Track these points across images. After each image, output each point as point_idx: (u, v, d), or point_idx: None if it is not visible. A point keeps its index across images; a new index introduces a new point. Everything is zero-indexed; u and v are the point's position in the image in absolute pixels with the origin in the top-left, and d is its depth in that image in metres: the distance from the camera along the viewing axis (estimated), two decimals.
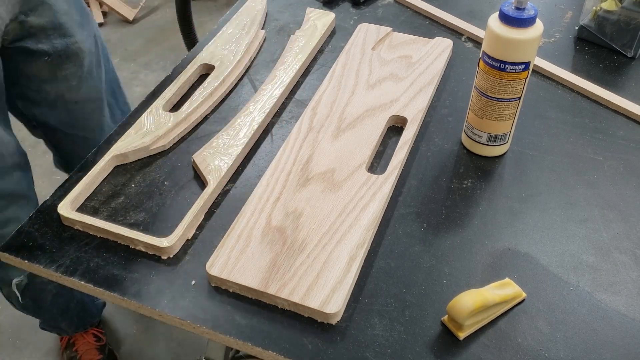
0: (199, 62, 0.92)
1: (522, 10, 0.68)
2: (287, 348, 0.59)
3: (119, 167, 0.78)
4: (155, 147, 0.79)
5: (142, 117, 0.83)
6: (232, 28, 0.99)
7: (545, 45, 0.99)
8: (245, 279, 0.63)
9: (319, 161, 0.76)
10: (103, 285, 0.65)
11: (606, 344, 0.60)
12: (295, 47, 0.95)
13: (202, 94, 0.86)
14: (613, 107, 0.87)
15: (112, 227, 0.68)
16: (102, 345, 1.39)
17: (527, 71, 0.71)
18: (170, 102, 0.86)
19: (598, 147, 0.81)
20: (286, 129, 0.84)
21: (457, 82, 0.92)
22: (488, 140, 0.78)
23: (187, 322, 0.62)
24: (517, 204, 0.74)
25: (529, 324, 0.62)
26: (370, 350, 0.59)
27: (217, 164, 0.76)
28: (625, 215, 0.72)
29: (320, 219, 0.69)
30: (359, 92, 0.87)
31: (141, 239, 0.67)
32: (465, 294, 0.59)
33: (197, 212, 0.70)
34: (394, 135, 0.82)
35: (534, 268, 0.67)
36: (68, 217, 0.70)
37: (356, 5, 1.08)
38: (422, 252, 0.68)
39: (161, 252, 0.67)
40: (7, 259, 0.69)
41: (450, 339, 0.60)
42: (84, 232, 0.70)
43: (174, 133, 0.81)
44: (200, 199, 0.72)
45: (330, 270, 0.63)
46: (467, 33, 1.01)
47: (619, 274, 0.66)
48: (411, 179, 0.77)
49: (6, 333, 1.48)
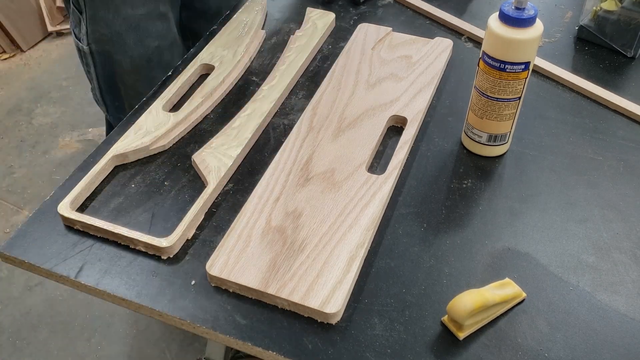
0: (198, 62, 0.92)
1: (522, 10, 0.68)
2: (287, 348, 0.59)
3: (119, 167, 0.78)
4: (155, 147, 0.79)
5: (142, 117, 0.83)
6: (232, 28, 0.99)
7: (545, 45, 0.99)
8: (245, 279, 0.63)
9: (319, 161, 0.76)
10: (103, 286, 0.65)
11: (606, 344, 0.60)
12: (296, 47, 0.95)
13: (202, 94, 0.86)
14: (613, 107, 0.87)
15: (112, 227, 0.68)
16: None
17: (527, 71, 0.71)
18: (170, 102, 0.86)
19: (598, 147, 0.81)
20: (286, 129, 0.84)
21: (457, 82, 0.92)
22: (488, 140, 0.78)
23: (187, 322, 0.62)
24: (517, 204, 0.74)
25: (529, 324, 0.62)
26: (370, 350, 0.59)
27: (217, 164, 0.76)
28: (625, 215, 0.72)
29: (320, 219, 0.69)
30: (359, 92, 0.87)
31: (141, 239, 0.67)
32: (465, 294, 0.59)
33: (197, 212, 0.70)
34: (394, 135, 0.82)
35: (534, 268, 0.67)
36: (68, 217, 0.70)
37: (356, 5, 1.08)
38: (422, 252, 0.68)
39: (161, 252, 0.67)
40: (7, 259, 0.69)
41: (450, 339, 0.60)
42: (84, 232, 0.70)
43: (174, 133, 0.81)
44: (200, 199, 0.72)
45: (330, 270, 0.63)
46: (467, 33, 1.01)
47: (619, 274, 0.66)
48: (411, 179, 0.77)
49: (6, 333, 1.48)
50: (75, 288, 0.67)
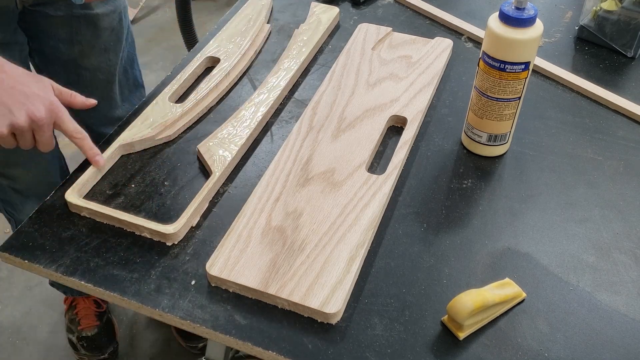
0: (204, 55, 0.93)
1: (522, 10, 0.68)
2: (287, 348, 0.59)
3: (125, 156, 0.79)
4: (161, 137, 0.81)
5: (149, 107, 0.84)
6: (238, 22, 1.00)
7: (545, 45, 0.99)
8: (245, 279, 0.63)
9: (319, 161, 0.76)
10: (103, 285, 0.65)
11: (606, 344, 0.60)
12: (300, 41, 0.96)
13: (208, 86, 0.88)
14: (613, 107, 0.87)
15: (118, 214, 0.69)
16: (101, 312, 1.44)
17: (527, 71, 0.71)
18: (176, 94, 0.88)
19: (598, 147, 0.81)
20: (286, 129, 0.84)
21: (457, 82, 0.92)
22: (488, 140, 0.78)
23: (187, 322, 0.62)
24: (517, 204, 0.74)
25: (529, 324, 0.62)
26: (370, 350, 0.59)
27: (222, 153, 0.77)
28: (625, 215, 0.72)
29: (320, 219, 0.69)
30: (359, 92, 0.87)
31: (147, 225, 0.68)
32: (465, 294, 0.59)
33: (201, 199, 0.71)
34: (394, 135, 0.82)
35: (534, 268, 0.67)
36: (75, 203, 0.71)
37: (356, 5, 1.08)
38: (422, 252, 0.68)
39: (166, 239, 0.68)
40: (7, 259, 0.69)
41: (450, 339, 0.60)
42: (84, 232, 0.70)
43: (180, 124, 0.83)
44: (205, 187, 0.73)
45: (330, 270, 0.63)
46: (467, 33, 1.01)
47: (619, 274, 0.66)
48: (411, 179, 0.77)
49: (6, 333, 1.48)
50: (75, 288, 0.67)
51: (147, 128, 0.81)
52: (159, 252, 0.68)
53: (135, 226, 0.69)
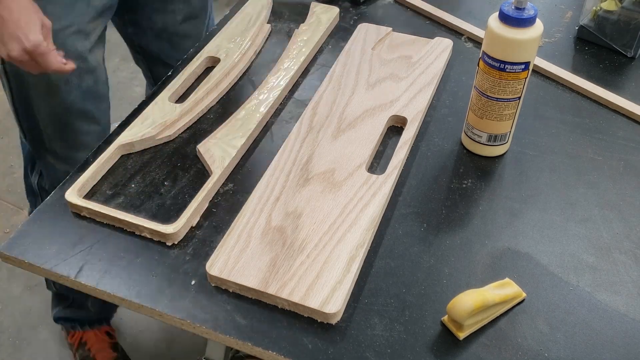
0: (204, 54, 0.93)
1: (522, 10, 0.68)
2: (287, 348, 0.59)
3: (125, 156, 0.79)
4: (160, 137, 0.81)
5: (149, 107, 0.84)
6: (238, 22, 1.01)
7: (545, 45, 0.99)
8: (245, 279, 0.63)
9: (319, 161, 0.76)
10: (103, 286, 0.65)
11: (606, 344, 0.60)
12: (300, 41, 0.96)
13: (208, 86, 0.88)
14: (613, 107, 0.87)
15: (118, 214, 0.70)
16: (114, 343, 1.36)
17: (527, 71, 0.71)
18: (176, 94, 0.88)
19: (598, 147, 0.81)
20: (286, 129, 0.84)
21: (457, 82, 0.92)
22: (488, 140, 0.78)
23: (187, 322, 0.62)
24: (517, 204, 0.74)
25: (529, 324, 0.62)
26: (370, 350, 0.59)
27: (222, 154, 0.77)
28: (625, 215, 0.72)
29: (320, 219, 0.69)
30: (359, 92, 0.87)
31: (147, 225, 0.68)
32: (465, 294, 0.59)
33: (201, 199, 0.71)
34: (394, 135, 0.82)
35: (534, 268, 0.67)
36: (75, 203, 0.71)
37: (356, 5, 1.08)
38: (422, 252, 0.68)
39: (166, 239, 0.68)
40: (7, 259, 0.69)
41: (450, 339, 0.60)
42: (84, 232, 0.70)
43: (180, 123, 0.83)
44: (205, 186, 0.73)
45: (330, 270, 0.63)
46: (467, 33, 1.01)
47: (619, 274, 0.66)
48: (411, 178, 0.77)
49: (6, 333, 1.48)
50: (75, 288, 0.67)
51: (147, 128, 0.81)
52: (159, 252, 0.68)
53: (135, 226, 0.69)
